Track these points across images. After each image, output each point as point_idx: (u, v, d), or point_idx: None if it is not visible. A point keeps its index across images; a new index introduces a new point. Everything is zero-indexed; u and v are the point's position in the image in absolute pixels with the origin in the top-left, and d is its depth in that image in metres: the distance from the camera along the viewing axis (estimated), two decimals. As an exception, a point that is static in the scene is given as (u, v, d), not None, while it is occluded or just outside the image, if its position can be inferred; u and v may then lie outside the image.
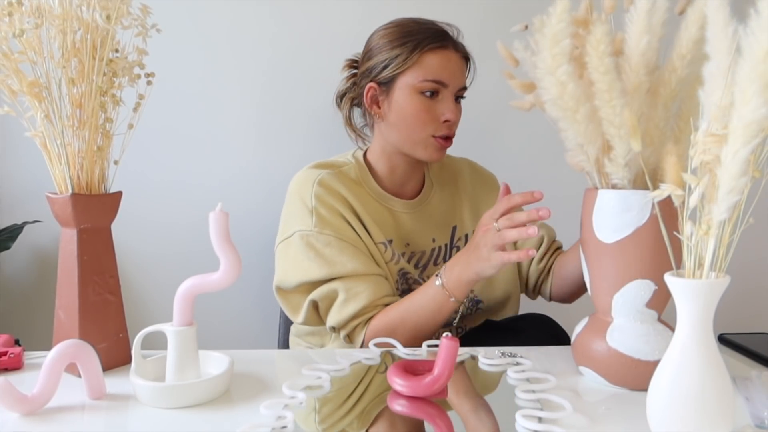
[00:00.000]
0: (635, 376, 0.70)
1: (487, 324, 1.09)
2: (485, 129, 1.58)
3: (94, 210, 0.76)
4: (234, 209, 1.02)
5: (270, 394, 0.70)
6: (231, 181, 1.58)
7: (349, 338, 0.96)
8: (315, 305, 0.97)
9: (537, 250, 1.10)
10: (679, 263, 0.57)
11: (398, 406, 0.68)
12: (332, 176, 1.02)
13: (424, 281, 1.04)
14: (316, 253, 0.96)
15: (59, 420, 0.64)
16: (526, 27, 0.74)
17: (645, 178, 0.66)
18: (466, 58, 1.03)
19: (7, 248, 1.43)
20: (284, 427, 0.61)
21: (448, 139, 1.02)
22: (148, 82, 0.80)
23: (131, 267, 1.57)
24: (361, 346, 0.94)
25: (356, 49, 1.11)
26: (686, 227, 0.54)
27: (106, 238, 0.79)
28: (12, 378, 0.73)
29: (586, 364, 0.74)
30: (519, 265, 1.12)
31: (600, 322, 0.74)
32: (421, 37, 0.99)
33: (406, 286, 1.05)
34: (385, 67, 1.00)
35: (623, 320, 0.72)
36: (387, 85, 1.01)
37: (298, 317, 0.99)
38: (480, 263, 0.84)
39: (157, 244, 1.57)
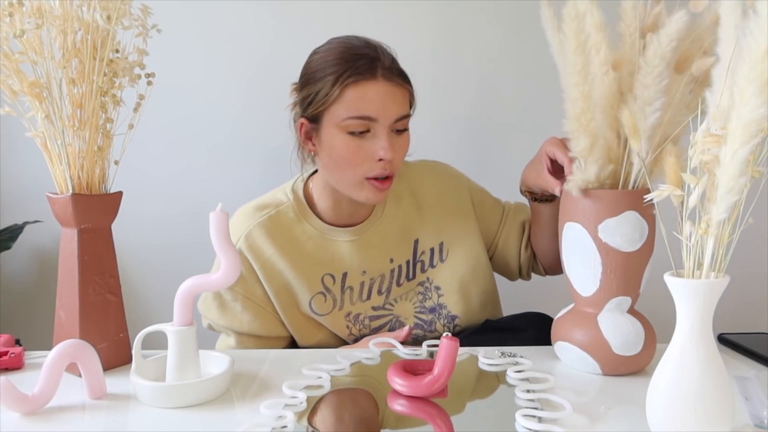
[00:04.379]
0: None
1: (487, 324, 1.08)
2: (488, 130, 1.58)
3: (95, 210, 0.76)
4: (234, 209, 1.03)
5: (270, 394, 0.70)
6: (231, 181, 1.58)
7: None
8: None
9: (522, 237, 1.08)
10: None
11: (398, 406, 0.68)
12: (263, 226, 0.96)
13: (392, 306, 1.00)
14: (220, 303, 0.96)
15: (60, 420, 0.64)
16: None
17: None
18: (403, 84, 0.91)
19: (8, 248, 1.43)
20: (284, 427, 0.61)
21: (386, 179, 0.91)
22: (149, 83, 0.80)
23: (131, 267, 1.57)
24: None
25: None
26: (685, 227, 0.54)
27: (107, 238, 0.79)
28: (13, 378, 0.73)
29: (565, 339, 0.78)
30: (509, 259, 1.09)
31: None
32: (342, 68, 0.87)
33: (362, 327, 0.99)
34: (309, 103, 0.91)
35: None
36: (315, 122, 0.92)
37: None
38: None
39: (157, 245, 1.57)
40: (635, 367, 0.76)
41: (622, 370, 0.76)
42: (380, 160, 0.89)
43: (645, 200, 0.60)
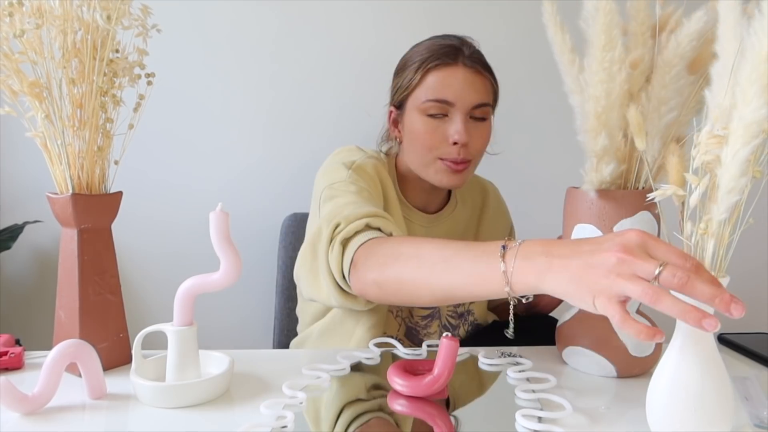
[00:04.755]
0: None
1: (495, 324, 1.09)
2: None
3: (95, 210, 0.76)
4: (234, 209, 1.03)
5: (270, 394, 0.70)
6: (231, 181, 1.58)
7: (342, 246, 0.79)
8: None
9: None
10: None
11: (398, 406, 0.68)
12: (380, 165, 1.00)
13: None
14: (341, 193, 0.89)
15: (60, 420, 0.64)
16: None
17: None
18: (483, 73, 0.95)
19: (8, 248, 1.43)
20: (284, 427, 0.61)
21: (461, 162, 0.94)
22: (149, 83, 0.80)
23: (131, 267, 1.57)
24: (350, 264, 0.77)
25: (358, 49, 1.10)
26: (686, 227, 0.54)
27: (107, 238, 0.79)
28: (12, 378, 0.73)
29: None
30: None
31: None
32: (426, 55, 0.94)
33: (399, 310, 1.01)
34: (397, 90, 0.99)
35: None
36: (401, 108, 0.99)
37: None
38: (579, 290, 0.52)
39: (157, 244, 1.57)
40: (647, 367, 0.76)
41: (636, 372, 0.75)
42: (455, 143, 0.92)
43: (647, 199, 0.60)
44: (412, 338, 1.02)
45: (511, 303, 0.61)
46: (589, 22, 0.71)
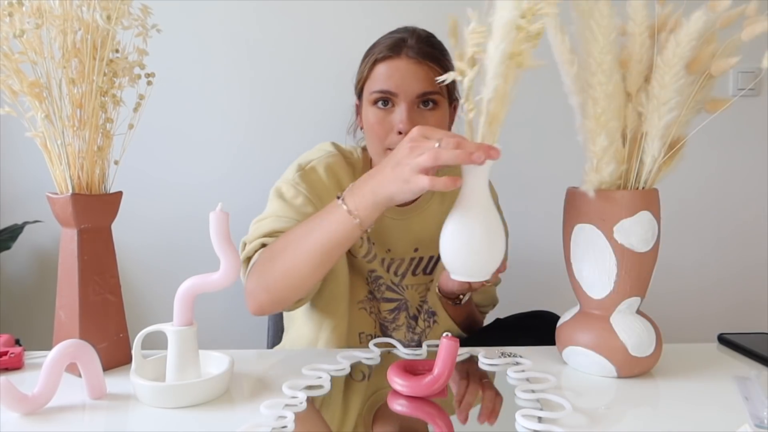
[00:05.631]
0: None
1: (497, 323, 1.09)
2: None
3: (95, 210, 0.76)
4: (234, 209, 1.02)
5: (270, 394, 0.70)
6: (231, 181, 1.58)
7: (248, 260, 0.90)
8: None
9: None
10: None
11: (398, 406, 0.68)
12: (341, 163, 1.03)
13: (403, 290, 1.06)
14: (280, 196, 0.98)
15: (60, 420, 0.64)
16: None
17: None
18: (427, 62, 0.96)
19: (8, 248, 1.43)
20: (284, 427, 0.61)
21: None
22: (149, 83, 0.80)
23: (131, 267, 1.57)
24: (249, 268, 0.88)
25: (355, 48, 1.11)
26: (466, 106, 0.68)
27: (107, 238, 0.79)
28: (12, 378, 0.73)
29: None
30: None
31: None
32: (375, 49, 0.99)
33: (376, 287, 1.04)
34: (356, 83, 1.03)
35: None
36: (360, 99, 1.03)
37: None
38: (396, 184, 0.69)
39: (157, 244, 1.57)
40: (647, 367, 0.76)
41: (636, 372, 0.75)
42: (399, 132, 0.94)
43: (438, 81, 0.73)
44: (385, 333, 1.07)
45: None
46: (582, 25, 0.71)
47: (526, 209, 1.66)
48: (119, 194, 0.79)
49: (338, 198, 0.76)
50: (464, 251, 0.68)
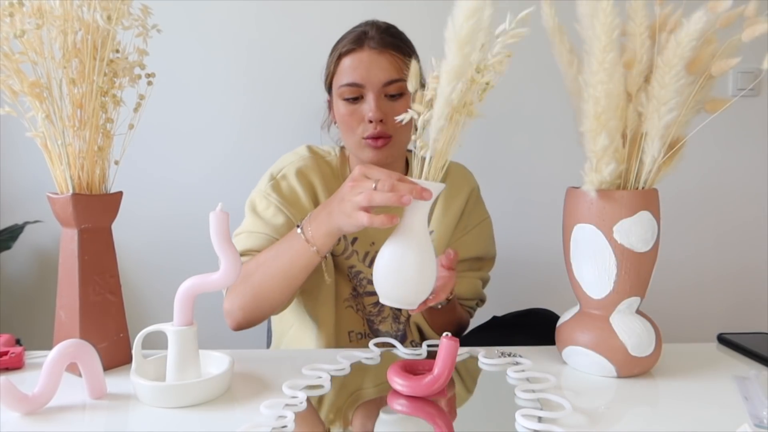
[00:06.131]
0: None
1: (494, 321, 1.09)
2: (487, 127, 1.58)
3: (95, 210, 0.77)
4: (234, 209, 1.03)
5: (270, 394, 0.70)
6: (231, 181, 1.58)
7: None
8: None
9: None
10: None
11: (398, 406, 0.68)
12: (313, 165, 1.05)
13: None
14: (253, 210, 1.01)
15: (60, 419, 0.64)
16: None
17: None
18: (389, 51, 0.98)
19: (8, 248, 1.43)
20: (284, 427, 0.61)
21: (379, 138, 0.98)
22: (149, 83, 0.80)
23: (131, 267, 1.57)
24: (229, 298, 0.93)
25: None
26: (418, 143, 0.72)
27: (107, 238, 0.79)
28: (13, 377, 0.73)
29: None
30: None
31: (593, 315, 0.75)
32: (339, 44, 1.01)
33: (357, 283, 1.06)
34: (325, 78, 1.05)
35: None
36: (330, 94, 1.05)
37: None
38: (341, 218, 0.75)
39: (157, 245, 1.58)
40: (647, 367, 0.76)
41: (636, 372, 0.75)
42: (370, 121, 0.97)
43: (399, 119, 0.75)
44: (372, 327, 1.08)
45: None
46: (585, 24, 0.71)
47: (526, 209, 1.67)
48: (119, 194, 0.80)
49: (298, 227, 0.84)
50: (393, 278, 0.71)
